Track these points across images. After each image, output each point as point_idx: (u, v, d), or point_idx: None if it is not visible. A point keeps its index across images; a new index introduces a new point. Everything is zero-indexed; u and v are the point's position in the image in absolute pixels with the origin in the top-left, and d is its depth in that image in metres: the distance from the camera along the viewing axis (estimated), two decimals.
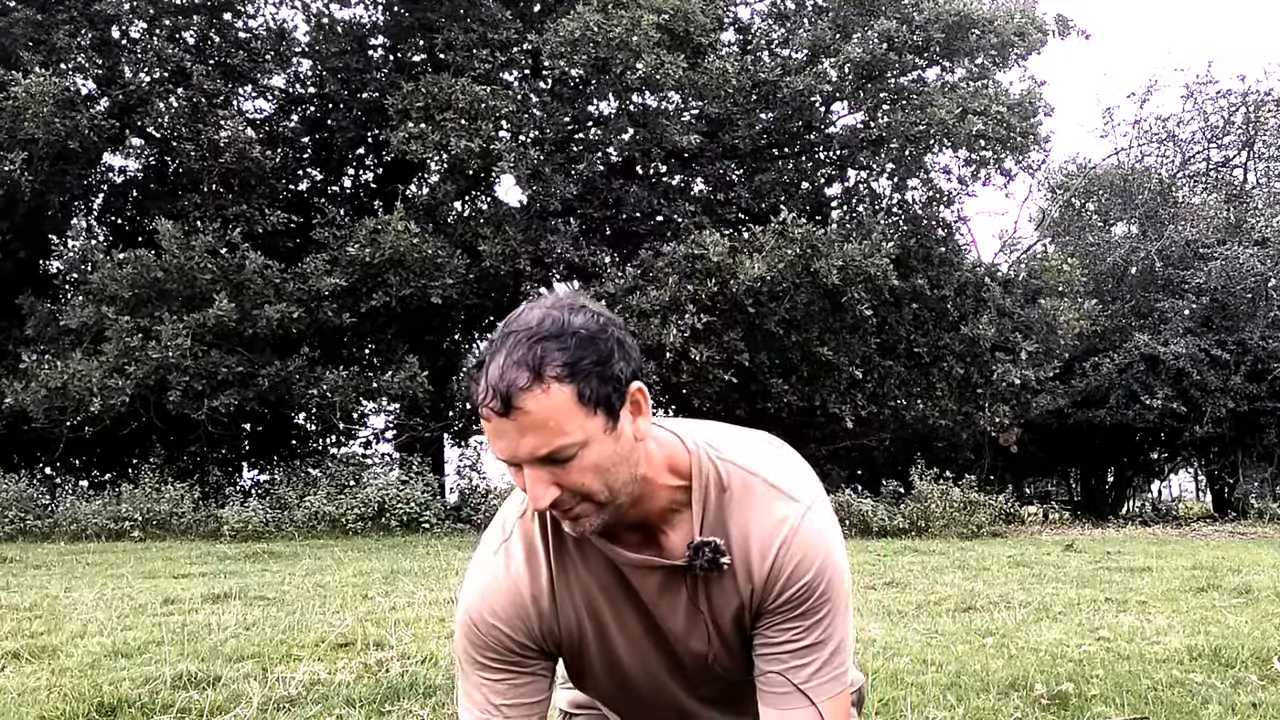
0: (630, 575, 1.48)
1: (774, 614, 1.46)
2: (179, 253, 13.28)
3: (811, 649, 1.45)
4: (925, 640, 4.89)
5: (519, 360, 1.27)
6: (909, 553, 10.35)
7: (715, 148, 15.80)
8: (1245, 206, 19.74)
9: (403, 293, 13.97)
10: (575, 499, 1.34)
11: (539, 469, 1.31)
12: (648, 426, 1.38)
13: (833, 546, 1.46)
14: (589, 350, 1.29)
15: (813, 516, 1.45)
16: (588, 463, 1.31)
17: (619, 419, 1.33)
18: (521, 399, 1.26)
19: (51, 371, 13.08)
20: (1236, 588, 6.82)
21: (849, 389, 15.64)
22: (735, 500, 1.45)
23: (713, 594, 1.47)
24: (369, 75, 15.92)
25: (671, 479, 1.44)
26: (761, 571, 1.44)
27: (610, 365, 1.30)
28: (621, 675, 1.57)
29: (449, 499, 15.34)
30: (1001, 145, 15.63)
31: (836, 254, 13.84)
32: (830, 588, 1.44)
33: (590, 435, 1.30)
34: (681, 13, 14.11)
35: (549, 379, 1.27)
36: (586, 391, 1.28)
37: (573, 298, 1.35)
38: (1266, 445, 19.02)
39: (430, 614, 5.62)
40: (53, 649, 4.62)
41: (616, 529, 1.43)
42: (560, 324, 1.30)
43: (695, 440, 1.47)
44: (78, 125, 13.54)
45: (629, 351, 1.34)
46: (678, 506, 1.45)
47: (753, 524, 1.44)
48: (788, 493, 1.46)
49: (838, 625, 1.46)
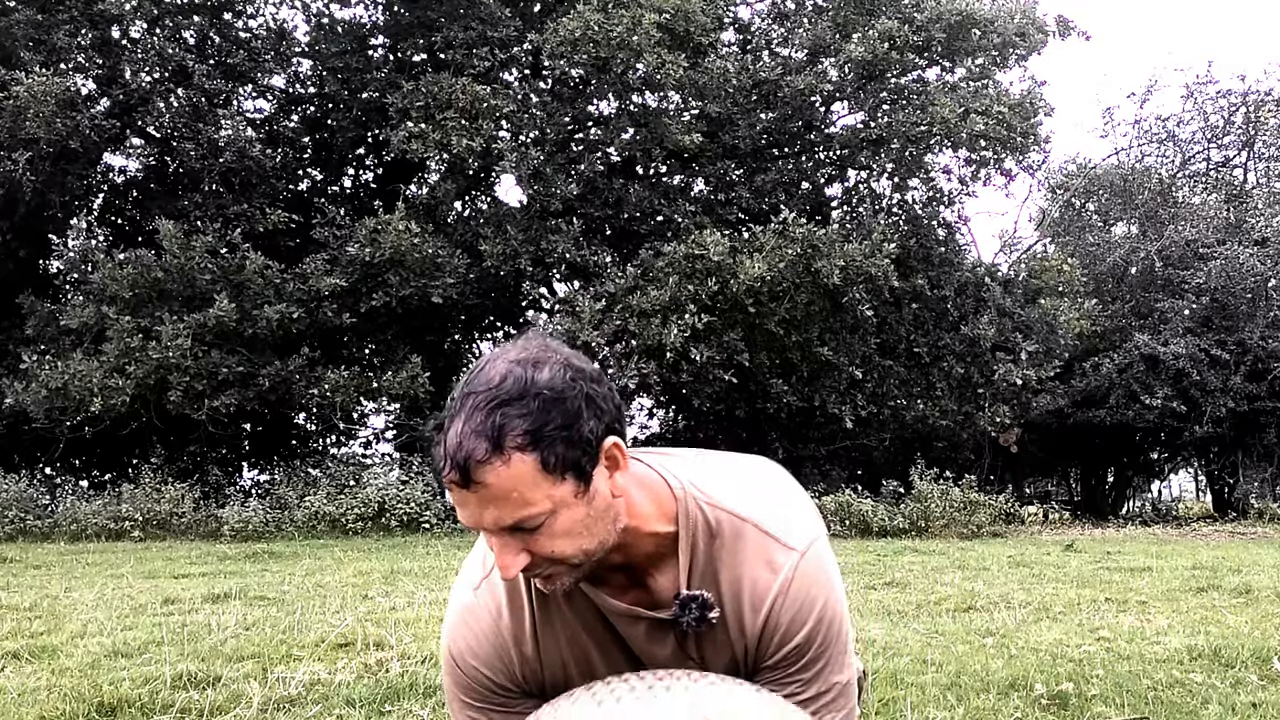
0: (617, 623, 1.42)
1: (773, 669, 1.39)
2: (179, 253, 13.29)
3: (814, 700, 1.38)
4: (925, 640, 4.89)
5: (477, 429, 1.19)
6: (909, 553, 10.34)
7: (715, 148, 15.80)
8: (1245, 206, 19.74)
9: (403, 293, 13.97)
10: (546, 565, 1.28)
11: (506, 538, 1.24)
12: (626, 480, 1.30)
13: (829, 592, 1.38)
14: (554, 413, 1.20)
15: (807, 564, 1.37)
16: (558, 530, 1.24)
17: (591, 480, 1.25)
18: (480, 472, 1.19)
19: (52, 371, 13.08)
20: (1236, 588, 6.82)
21: (849, 389, 15.63)
22: (726, 549, 1.37)
23: (703, 646, 1.41)
24: (369, 75, 15.92)
25: (658, 525, 1.36)
26: (756, 625, 1.37)
27: (578, 427, 1.21)
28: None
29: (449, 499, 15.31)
30: (1002, 145, 15.64)
31: (837, 254, 13.84)
32: (829, 636, 1.38)
33: (558, 503, 1.22)
34: (682, 12, 14.11)
35: (509, 450, 1.19)
36: (552, 459, 1.20)
37: (540, 348, 1.26)
38: (1266, 445, 19.01)
39: (430, 614, 5.62)
40: (53, 649, 4.62)
41: (600, 571, 1.36)
42: (523, 384, 1.20)
43: (682, 482, 1.39)
44: (79, 125, 13.54)
45: (600, 405, 1.24)
46: (664, 551, 1.38)
47: (745, 575, 1.36)
48: (782, 540, 1.37)
49: (839, 671, 1.40)
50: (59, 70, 13.95)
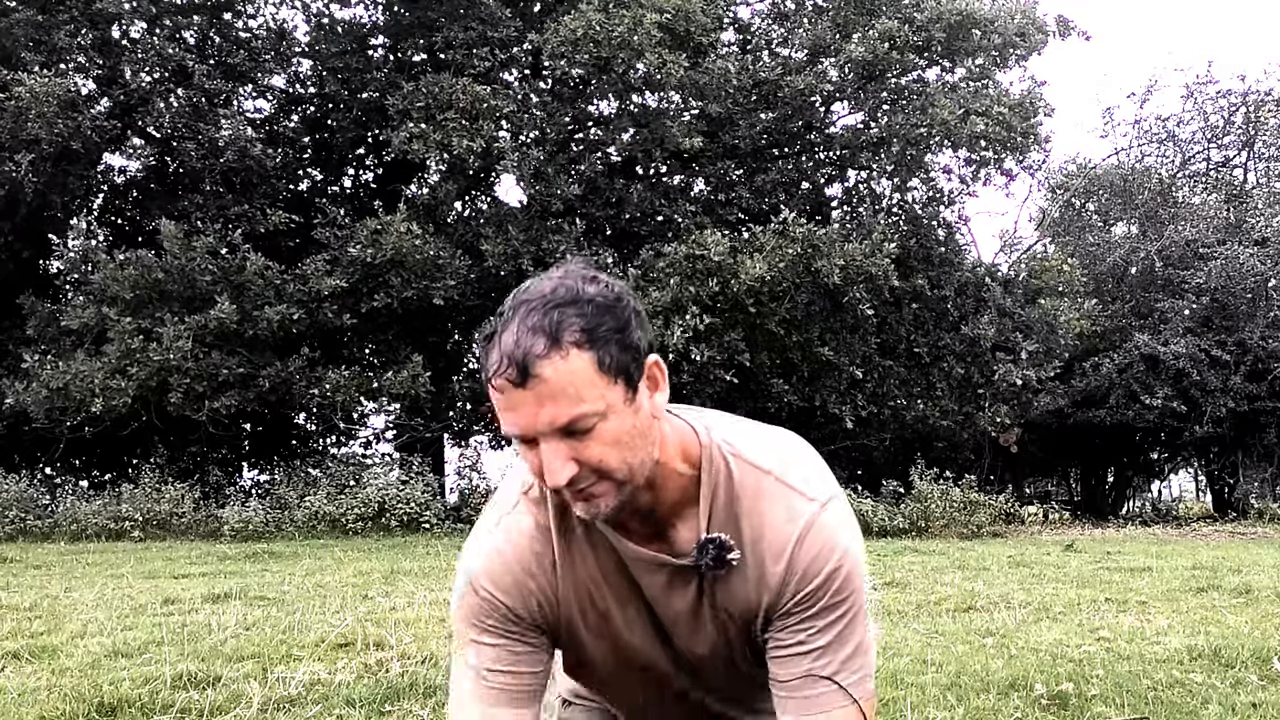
0: (636, 571, 1.43)
1: (789, 615, 1.39)
2: (180, 253, 13.28)
3: (830, 648, 1.38)
4: (925, 640, 4.89)
5: (534, 326, 1.22)
6: (909, 553, 10.34)
7: (716, 148, 15.80)
8: (1245, 206, 19.74)
9: (404, 294, 13.95)
10: (592, 477, 1.27)
11: (557, 442, 1.24)
12: (664, 401, 1.33)
13: (849, 544, 1.39)
14: (607, 317, 1.24)
15: (827, 514, 1.38)
16: (607, 436, 1.25)
17: (638, 390, 1.27)
18: (539, 366, 1.20)
19: (53, 372, 13.07)
20: (1236, 588, 6.82)
21: (849, 389, 15.64)
22: (747, 497, 1.39)
23: (721, 593, 1.42)
24: (369, 75, 15.92)
25: (684, 467, 1.38)
26: (775, 571, 1.38)
27: (629, 333, 1.25)
28: (628, 658, 1.52)
29: (449, 499, 15.33)
30: (1002, 145, 15.64)
31: (838, 254, 13.84)
32: (847, 586, 1.37)
33: (610, 405, 1.24)
34: (683, 12, 14.12)
35: (567, 344, 1.21)
36: (606, 359, 1.23)
37: (585, 269, 1.29)
38: (1266, 445, 19.01)
39: (430, 614, 5.62)
40: (53, 649, 4.62)
41: (624, 518, 1.37)
42: (575, 291, 1.24)
43: (709, 431, 1.41)
44: (80, 126, 13.54)
45: (644, 323, 1.29)
46: (688, 499, 1.39)
47: (764, 523, 1.38)
48: (801, 490, 1.39)
49: (857, 626, 1.39)
50: (59, 71, 13.94)
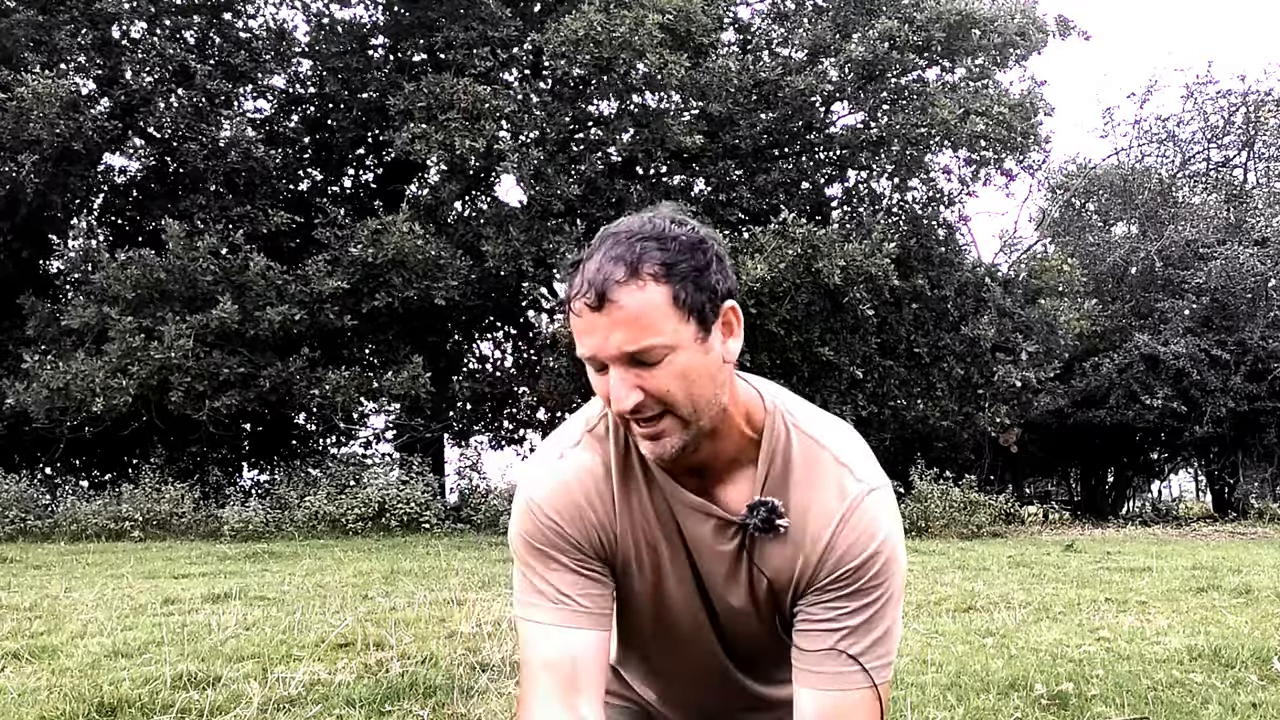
0: (683, 518, 1.45)
1: (824, 590, 1.41)
2: (182, 253, 13.27)
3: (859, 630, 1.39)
4: (925, 640, 4.89)
5: (617, 256, 1.27)
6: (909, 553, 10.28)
7: (716, 148, 15.80)
8: (1245, 206, 19.74)
9: (406, 294, 13.94)
10: (658, 408, 1.30)
11: (625, 369, 1.28)
12: (737, 350, 1.35)
13: (892, 532, 1.42)
14: (688, 256, 1.28)
15: (876, 498, 1.41)
16: (675, 369, 1.28)
17: (710, 331, 1.30)
18: (616, 292, 1.26)
19: (54, 372, 13.07)
20: (1236, 588, 6.82)
21: (849, 389, 15.63)
22: (801, 469, 1.42)
23: (760, 555, 1.44)
24: (369, 75, 15.92)
25: (745, 426, 1.41)
26: (817, 547, 1.40)
27: (707, 274, 1.29)
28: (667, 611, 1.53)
29: (449, 499, 15.34)
30: (1002, 145, 15.63)
31: (838, 254, 13.84)
32: (885, 572, 1.40)
33: (680, 340, 1.27)
34: (684, 13, 14.11)
35: (646, 275, 1.26)
36: (682, 294, 1.27)
37: (675, 212, 1.34)
38: (1266, 445, 19.01)
39: (430, 614, 5.62)
40: (53, 649, 4.62)
41: (677, 470, 1.41)
42: (661, 229, 1.29)
43: (774, 400, 1.45)
44: (81, 127, 13.54)
45: (726, 269, 1.32)
46: (744, 460, 1.42)
47: (815, 496, 1.41)
48: (854, 471, 1.42)
49: (888, 613, 1.41)
50: (60, 71, 13.94)
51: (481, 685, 3.87)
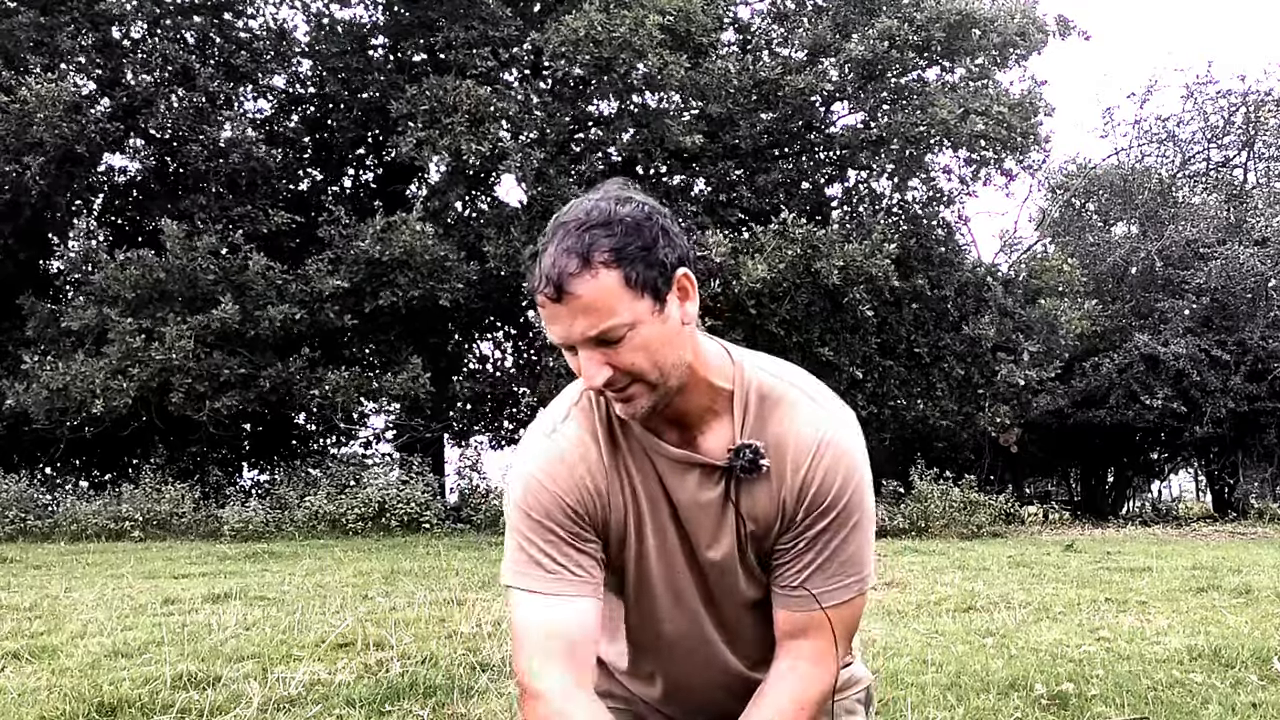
0: (667, 473, 1.53)
1: (800, 518, 1.51)
2: (182, 254, 13.26)
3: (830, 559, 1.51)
4: (925, 640, 4.89)
5: (569, 248, 1.35)
6: (909, 553, 10.34)
7: (716, 148, 15.80)
8: (1245, 206, 19.73)
9: (411, 294, 13.89)
10: (627, 379, 1.41)
11: (592, 350, 1.39)
12: (695, 311, 1.44)
13: (862, 459, 1.52)
14: (634, 237, 1.36)
15: (846, 429, 1.52)
16: (637, 343, 1.38)
17: (665, 302, 1.40)
18: (572, 284, 1.35)
19: (54, 373, 13.06)
20: (1236, 588, 6.82)
21: (849, 389, 15.62)
22: (774, 409, 1.51)
23: (744, 497, 1.52)
24: (369, 75, 15.91)
25: (716, 379, 1.50)
26: (795, 478, 1.50)
27: (655, 251, 1.37)
28: (648, 580, 1.59)
29: (449, 499, 15.34)
30: (1002, 145, 15.63)
31: (837, 254, 13.83)
32: (857, 497, 1.50)
33: (638, 317, 1.37)
34: (684, 13, 14.11)
35: (597, 264, 1.35)
36: (633, 275, 1.36)
37: (620, 189, 1.43)
38: (1266, 445, 19.00)
39: (430, 614, 5.62)
40: (53, 649, 4.62)
41: (658, 425, 1.50)
42: (607, 214, 1.37)
43: (742, 353, 1.56)
44: (84, 129, 13.53)
45: (674, 239, 1.40)
46: (718, 409, 1.51)
47: (789, 432, 1.50)
48: (825, 408, 1.52)
49: (858, 541, 1.52)
50: (61, 73, 13.94)
51: (481, 685, 3.87)
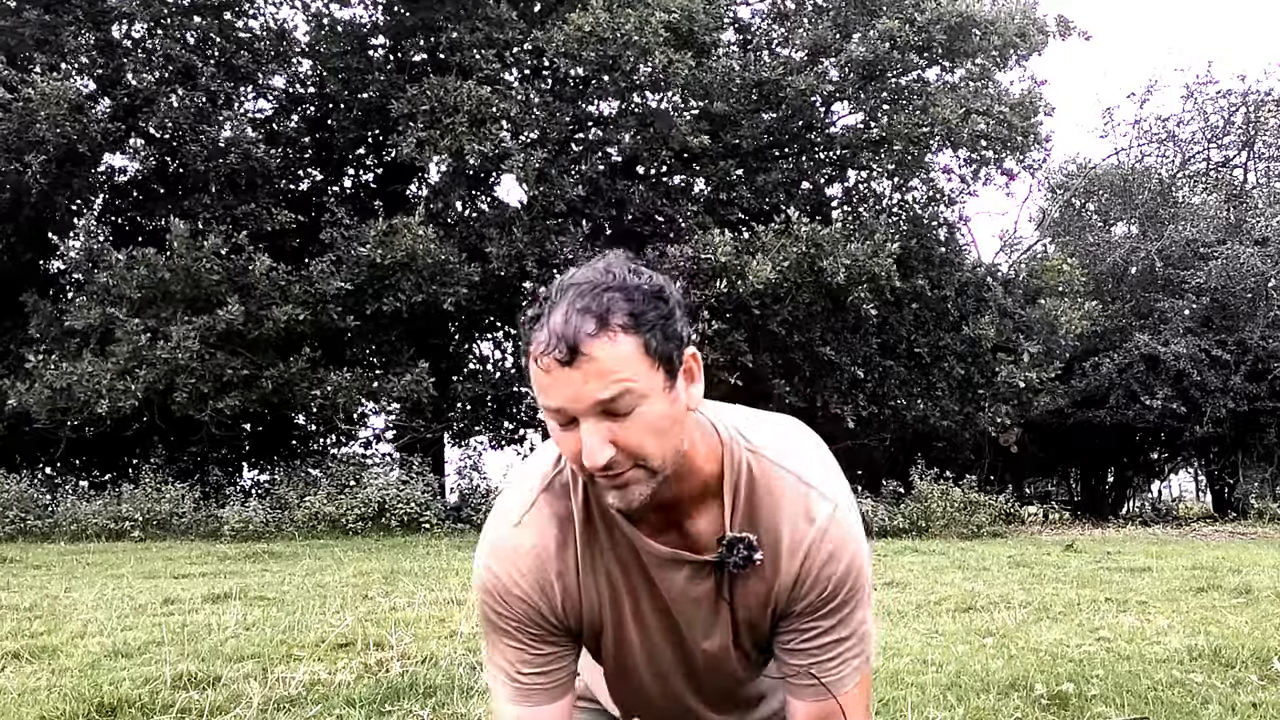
0: (653, 566, 1.45)
1: (800, 615, 1.46)
2: (186, 253, 13.25)
3: (837, 644, 1.47)
4: (925, 640, 4.89)
5: (584, 308, 1.24)
6: (909, 553, 10.34)
7: (717, 147, 15.80)
8: (1245, 206, 19.74)
9: (415, 299, 13.86)
10: (628, 462, 1.29)
11: (597, 423, 1.26)
12: (699, 395, 1.35)
13: (859, 544, 1.46)
14: (653, 305, 1.27)
15: (841, 514, 1.43)
16: (646, 420, 1.27)
17: (677, 379, 1.30)
18: (588, 345, 1.23)
19: (58, 372, 13.04)
20: (1236, 588, 6.82)
21: (850, 389, 15.64)
22: (766, 495, 1.43)
23: (738, 589, 1.46)
24: (369, 75, 15.90)
25: (705, 463, 1.41)
26: (791, 569, 1.43)
27: (672, 322, 1.28)
28: (629, 669, 1.56)
29: (449, 499, 15.33)
30: (1003, 145, 15.62)
31: (841, 254, 13.82)
32: (856, 585, 1.45)
33: (652, 390, 1.26)
34: (687, 12, 14.11)
35: (615, 326, 1.24)
36: (652, 343, 1.26)
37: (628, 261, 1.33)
38: (1266, 445, 19.00)
39: (430, 614, 5.62)
40: (53, 649, 4.62)
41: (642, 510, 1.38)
42: (622, 279, 1.28)
43: (728, 428, 1.45)
44: (87, 129, 13.53)
45: (684, 316, 1.32)
46: (708, 494, 1.42)
47: (783, 521, 1.42)
48: (819, 489, 1.43)
49: (860, 617, 1.48)
50: (64, 72, 13.93)
51: (481, 685, 3.87)
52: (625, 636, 1.51)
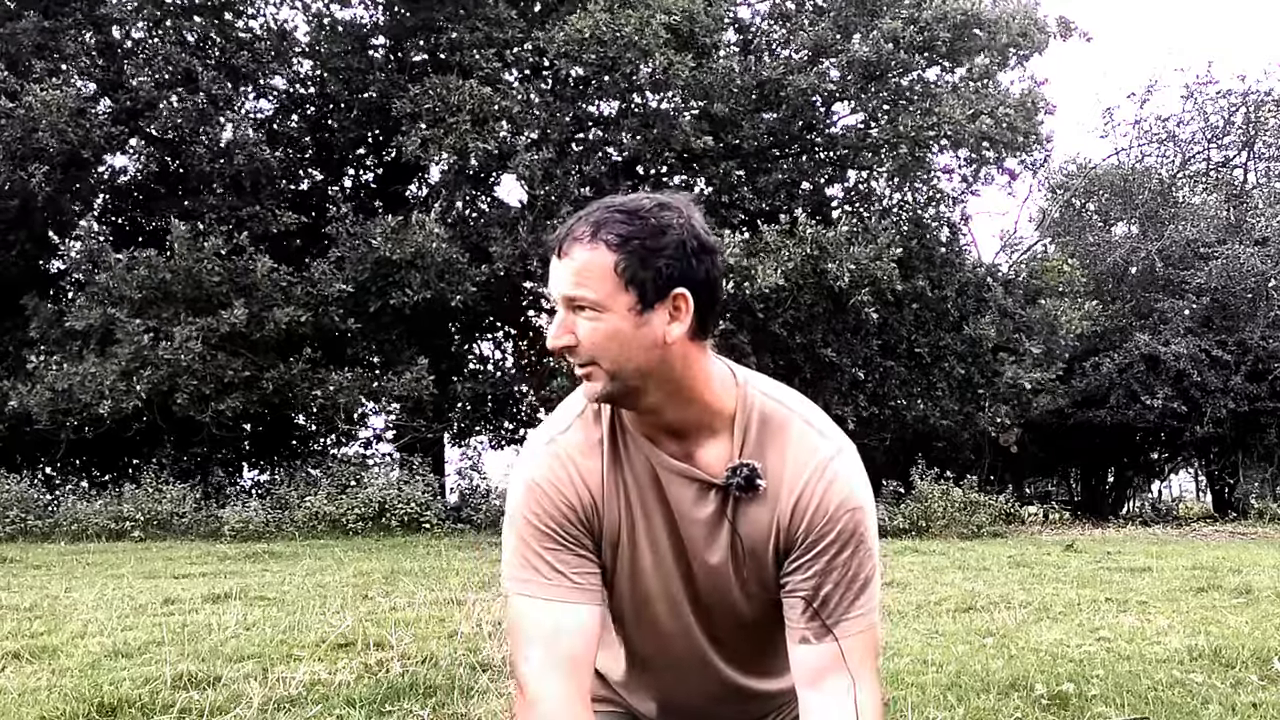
0: (667, 482, 1.54)
1: (801, 547, 1.51)
2: (188, 254, 13.24)
3: (836, 588, 1.50)
4: (925, 640, 4.90)
5: (588, 217, 1.43)
6: (909, 553, 10.35)
7: (718, 148, 15.79)
8: (1245, 206, 19.73)
9: (423, 295, 13.84)
10: (584, 356, 1.44)
11: (565, 311, 1.44)
12: (680, 333, 1.44)
13: (862, 487, 1.53)
14: (647, 236, 1.40)
15: (844, 457, 1.52)
16: (601, 328, 1.42)
17: (650, 308, 1.42)
18: (572, 246, 1.42)
19: (58, 373, 13.04)
20: (1236, 588, 6.82)
21: (851, 390, 15.63)
22: (775, 433, 1.53)
23: (741, 516, 1.53)
24: (370, 75, 15.90)
25: (718, 398, 1.52)
26: (791, 502, 1.50)
27: (658, 255, 1.40)
28: (643, 592, 1.60)
29: (449, 499, 15.34)
30: (1006, 145, 15.62)
31: (845, 258, 13.81)
32: (858, 525, 1.50)
33: (613, 305, 1.41)
34: (688, 13, 14.10)
35: (600, 240, 1.40)
36: (623, 264, 1.40)
37: (680, 201, 1.47)
38: (1266, 445, 19.00)
39: (430, 614, 5.62)
40: (53, 649, 4.62)
41: (657, 434, 1.52)
42: (639, 208, 1.43)
43: (746, 376, 1.58)
44: (89, 134, 13.52)
45: (691, 260, 1.42)
46: (717, 428, 1.53)
47: (788, 457, 1.51)
48: (823, 432, 1.54)
49: (864, 564, 1.51)
50: (65, 76, 13.91)
51: (481, 685, 3.87)
52: (638, 555, 1.58)
